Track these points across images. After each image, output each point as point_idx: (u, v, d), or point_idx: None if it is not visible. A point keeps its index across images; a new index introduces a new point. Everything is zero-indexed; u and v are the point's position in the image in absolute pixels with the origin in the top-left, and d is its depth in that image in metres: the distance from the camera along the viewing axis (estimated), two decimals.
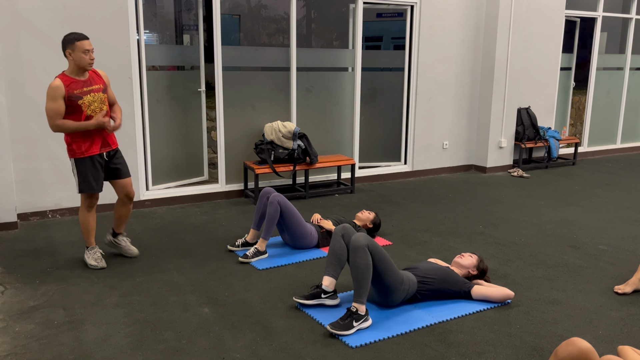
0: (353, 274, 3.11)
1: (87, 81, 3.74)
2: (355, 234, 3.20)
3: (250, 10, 13.66)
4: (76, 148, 3.78)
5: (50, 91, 3.60)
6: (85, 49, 3.63)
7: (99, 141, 3.84)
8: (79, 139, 3.76)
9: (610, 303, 3.50)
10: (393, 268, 3.22)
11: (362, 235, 3.16)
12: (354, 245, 3.13)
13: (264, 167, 5.71)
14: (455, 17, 6.97)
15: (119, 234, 4.20)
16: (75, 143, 3.77)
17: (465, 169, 7.56)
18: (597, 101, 8.65)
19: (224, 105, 5.83)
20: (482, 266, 3.61)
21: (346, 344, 2.96)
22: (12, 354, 2.84)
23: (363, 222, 4.61)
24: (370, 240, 3.15)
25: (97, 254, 4.00)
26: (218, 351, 2.89)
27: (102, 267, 3.95)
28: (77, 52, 3.62)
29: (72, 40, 3.61)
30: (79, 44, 3.61)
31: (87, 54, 3.65)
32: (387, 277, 3.20)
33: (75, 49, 3.61)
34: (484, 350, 2.93)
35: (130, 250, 4.18)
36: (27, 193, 4.99)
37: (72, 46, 3.62)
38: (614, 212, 5.60)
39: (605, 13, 8.35)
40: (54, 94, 3.61)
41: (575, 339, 2.22)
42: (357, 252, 3.11)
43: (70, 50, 3.63)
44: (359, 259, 3.09)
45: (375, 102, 7.00)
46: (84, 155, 3.79)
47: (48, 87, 3.64)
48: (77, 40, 3.61)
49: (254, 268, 4.01)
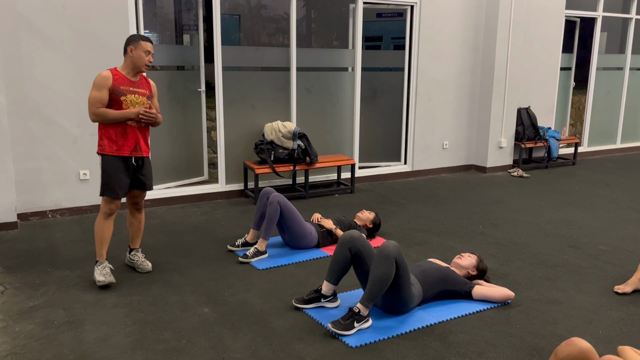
0: (370, 278, 3.05)
1: (136, 82, 3.68)
2: (386, 242, 3.10)
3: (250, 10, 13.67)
4: (107, 144, 3.61)
5: (98, 79, 3.54)
6: (147, 50, 3.62)
7: (132, 143, 3.66)
8: (112, 135, 3.60)
9: (610, 303, 3.50)
10: (409, 285, 3.18)
11: (393, 245, 3.07)
12: (383, 253, 3.03)
13: (264, 167, 5.71)
14: (455, 17, 6.97)
15: (134, 249, 4.00)
16: (107, 138, 3.61)
17: (465, 169, 7.56)
18: (597, 101, 8.65)
19: (224, 105, 5.83)
20: (482, 266, 3.61)
21: (346, 344, 2.96)
22: (12, 354, 2.84)
23: (363, 222, 4.61)
24: (399, 252, 3.06)
25: (106, 268, 3.70)
26: (218, 351, 2.89)
27: (109, 282, 3.64)
28: (139, 50, 3.59)
29: (138, 39, 3.61)
30: (144, 43, 3.61)
31: (148, 55, 3.63)
32: (402, 293, 3.16)
33: (139, 47, 3.60)
34: (484, 350, 2.93)
35: (143, 265, 3.94)
36: (27, 193, 4.99)
37: (136, 44, 3.60)
38: (614, 212, 5.60)
39: (605, 13, 8.35)
40: (101, 82, 3.54)
41: (575, 339, 2.22)
42: (383, 260, 3.02)
43: (133, 46, 3.60)
44: (382, 267, 3.01)
45: (375, 102, 7.00)
46: (114, 154, 3.62)
47: (97, 75, 3.58)
48: (143, 40, 3.62)
49: (254, 268, 4.01)
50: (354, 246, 3.22)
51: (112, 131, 3.61)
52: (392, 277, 3.04)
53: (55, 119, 4.98)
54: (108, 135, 3.62)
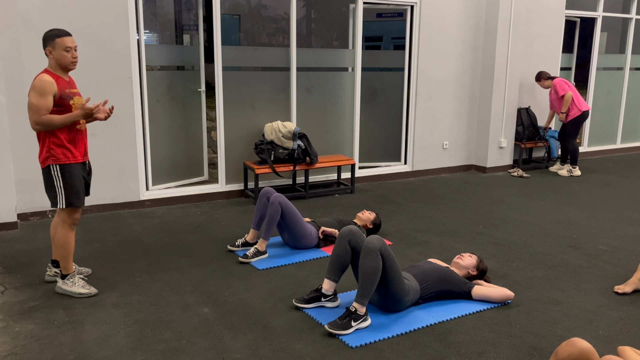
0: (360, 275, 3.08)
1: (69, 82, 3.41)
2: (369, 236, 3.15)
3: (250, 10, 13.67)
4: (61, 153, 3.33)
5: (43, 84, 3.20)
6: (67, 46, 3.28)
7: (82, 147, 3.44)
8: (64, 142, 3.33)
9: (610, 303, 3.50)
10: (400, 278, 3.20)
11: (376, 238, 3.11)
12: (367, 247, 3.08)
13: (264, 167, 5.71)
14: (455, 17, 6.97)
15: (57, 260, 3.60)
16: (60, 147, 3.32)
17: (465, 169, 7.56)
18: (597, 101, 8.65)
19: (224, 105, 5.83)
20: (482, 266, 3.61)
21: (346, 344, 2.96)
22: (12, 354, 2.84)
23: (363, 222, 4.60)
24: (383, 245, 3.10)
25: (81, 280, 3.54)
26: (218, 351, 2.89)
27: (95, 293, 3.51)
28: (59, 49, 3.27)
29: (53, 37, 3.27)
30: (60, 40, 3.27)
31: (70, 52, 3.30)
32: (393, 285, 3.17)
33: (56, 46, 3.27)
34: (484, 350, 2.93)
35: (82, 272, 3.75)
36: (27, 193, 4.99)
37: (52, 43, 3.27)
38: (614, 212, 5.60)
39: (605, 13, 8.35)
40: (45, 87, 3.20)
41: (575, 339, 2.22)
42: (369, 254, 3.06)
43: (50, 47, 3.28)
44: (369, 262, 3.04)
45: (375, 102, 7.00)
46: (71, 162, 3.36)
47: (36, 80, 3.22)
48: (58, 36, 3.27)
49: (254, 268, 4.01)
50: (353, 239, 3.26)
51: (63, 138, 3.33)
52: (380, 270, 3.06)
53: None
54: (59, 143, 3.32)
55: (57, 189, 3.36)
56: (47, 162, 3.35)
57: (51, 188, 3.38)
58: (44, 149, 3.34)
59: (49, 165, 3.35)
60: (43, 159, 3.36)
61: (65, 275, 3.51)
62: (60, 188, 3.36)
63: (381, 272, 3.09)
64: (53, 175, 3.35)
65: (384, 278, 3.13)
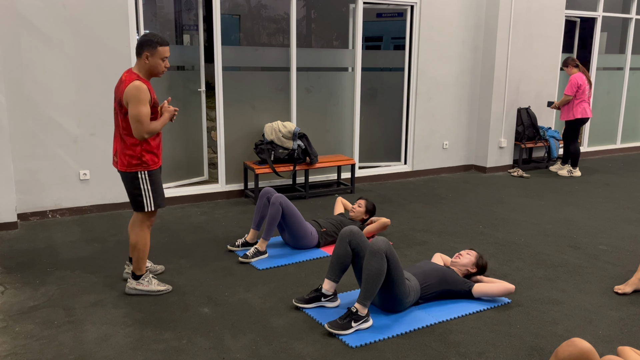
0: (364, 276, 3.06)
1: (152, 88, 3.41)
2: (375, 238, 3.13)
3: (250, 10, 13.66)
4: (150, 159, 3.33)
5: (142, 93, 3.16)
6: (165, 56, 3.27)
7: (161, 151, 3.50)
8: (154, 148, 3.34)
9: (610, 303, 3.50)
10: (404, 280, 3.19)
11: (382, 240, 3.09)
12: (372, 249, 3.06)
13: (264, 167, 5.71)
14: (455, 17, 6.97)
15: None
16: (149, 153, 3.32)
17: (465, 169, 7.56)
18: (597, 101, 8.65)
19: (224, 105, 5.83)
20: (482, 262, 3.59)
21: (346, 344, 2.96)
22: (12, 354, 2.84)
23: (359, 216, 4.65)
24: (389, 247, 3.08)
25: (154, 279, 3.59)
26: (218, 351, 2.89)
27: (170, 289, 3.59)
28: (157, 57, 3.24)
29: (155, 44, 3.22)
30: (162, 49, 3.24)
31: (164, 62, 3.29)
32: (396, 288, 3.16)
33: (156, 53, 3.23)
34: (484, 350, 2.93)
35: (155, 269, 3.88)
36: (27, 193, 4.99)
37: (153, 50, 3.23)
38: (614, 212, 5.60)
39: (605, 13, 8.35)
40: (144, 96, 3.17)
41: (575, 339, 2.22)
42: (374, 255, 3.04)
43: (149, 53, 3.23)
44: (374, 263, 3.03)
45: (375, 102, 7.00)
46: (157, 167, 3.41)
47: (133, 87, 3.16)
48: (161, 45, 3.23)
49: (254, 268, 4.01)
50: (354, 240, 3.25)
51: (153, 144, 3.35)
52: (384, 272, 3.05)
53: (55, 119, 4.97)
54: (149, 150, 3.33)
55: (144, 193, 3.38)
56: (135, 168, 3.32)
57: (137, 192, 3.37)
58: (135, 154, 3.30)
59: (137, 172, 3.33)
60: (129, 164, 3.32)
61: (140, 275, 3.53)
62: (147, 192, 3.38)
63: (385, 274, 3.08)
64: (140, 181, 3.35)
65: (388, 280, 3.12)
